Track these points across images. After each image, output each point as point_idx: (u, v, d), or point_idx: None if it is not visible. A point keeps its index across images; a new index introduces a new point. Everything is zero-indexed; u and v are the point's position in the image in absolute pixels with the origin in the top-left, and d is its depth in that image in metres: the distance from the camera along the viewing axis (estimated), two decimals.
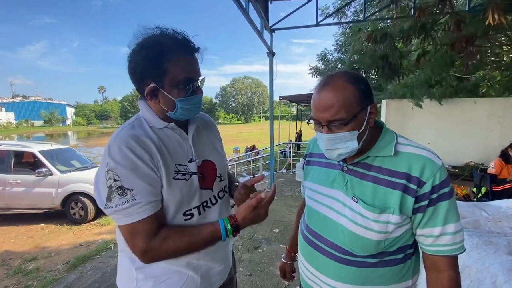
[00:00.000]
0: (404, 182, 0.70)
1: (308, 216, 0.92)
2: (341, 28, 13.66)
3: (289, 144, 10.65)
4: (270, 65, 5.22)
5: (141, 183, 0.73)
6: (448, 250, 0.71)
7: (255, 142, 14.34)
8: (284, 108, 17.65)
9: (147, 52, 0.75)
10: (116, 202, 0.71)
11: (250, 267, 2.74)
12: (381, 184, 0.73)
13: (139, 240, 0.74)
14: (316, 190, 0.88)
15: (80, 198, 5.07)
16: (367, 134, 0.74)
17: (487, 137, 4.71)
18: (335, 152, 0.74)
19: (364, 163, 0.77)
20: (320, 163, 0.91)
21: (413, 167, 0.71)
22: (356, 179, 0.77)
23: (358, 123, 0.71)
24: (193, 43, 0.81)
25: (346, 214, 0.77)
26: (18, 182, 5.07)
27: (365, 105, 0.72)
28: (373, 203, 0.73)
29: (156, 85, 0.77)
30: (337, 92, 0.70)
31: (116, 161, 0.72)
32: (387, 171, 0.73)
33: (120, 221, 0.74)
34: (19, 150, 5.37)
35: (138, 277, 0.82)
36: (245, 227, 0.83)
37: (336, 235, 0.79)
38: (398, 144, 0.76)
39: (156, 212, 0.75)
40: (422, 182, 0.69)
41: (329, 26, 5.76)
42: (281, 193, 5.52)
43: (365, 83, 0.73)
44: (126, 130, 0.79)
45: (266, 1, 4.77)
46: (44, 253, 3.85)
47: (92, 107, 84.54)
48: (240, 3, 3.41)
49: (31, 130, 55.13)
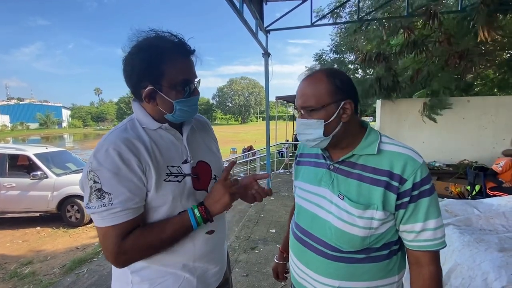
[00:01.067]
0: (387, 179, 0.73)
1: (297, 214, 0.95)
2: (336, 28, 13.73)
3: (286, 144, 10.67)
4: (266, 66, 5.24)
5: (121, 189, 0.72)
6: (429, 246, 0.74)
7: (252, 143, 14.35)
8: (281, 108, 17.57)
9: (144, 55, 0.75)
10: (93, 204, 0.71)
11: (246, 267, 2.75)
12: (365, 182, 0.76)
13: (111, 244, 0.73)
14: (305, 189, 0.91)
15: (76, 201, 5.04)
16: (340, 129, 0.77)
17: (480, 135, 4.77)
18: (303, 137, 0.81)
19: (349, 162, 0.80)
20: (309, 162, 0.94)
21: (395, 165, 0.74)
22: (342, 177, 0.80)
23: (326, 114, 0.76)
24: (189, 46, 0.81)
25: (333, 211, 0.79)
26: (13, 186, 5.03)
27: (337, 99, 0.75)
28: (357, 200, 0.75)
29: (154, 87, 0.77)
30: (311, 83, 0.78)
31: (99, 162, 0.72)
32: (371, 169, 0.76)
33: (95, 223, 0.74)
34: (14, 153, 5.33)
35: (133, 280, 0.82)
36: (217, 210, 0.83)
37: (323, 231, 0.82)
38: (381, 143, 0.79)
39: (133, 218, 0.75)
40: (404, 179, 0.72)
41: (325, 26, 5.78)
42: (278, 193, 5.53)
43: (342, 79, 0.77)
44: (118, 132, 0.78)
45: (261, 2, 4.79)
46: (40, 256, 3.83)
47: (88, 109, 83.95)
48: (234, 5, 3.42)
49: (26, 132, 54.58)
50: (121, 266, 0.77)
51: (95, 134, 48.28)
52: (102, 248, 0.76)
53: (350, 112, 0.77)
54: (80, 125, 74.46)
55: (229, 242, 3.29)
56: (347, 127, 0.79)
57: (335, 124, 0.77)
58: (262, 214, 4.28)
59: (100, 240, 0.76)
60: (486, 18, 3.21)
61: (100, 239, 0.76)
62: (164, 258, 0.82)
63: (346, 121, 0.77)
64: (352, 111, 0.77)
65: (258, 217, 4.15)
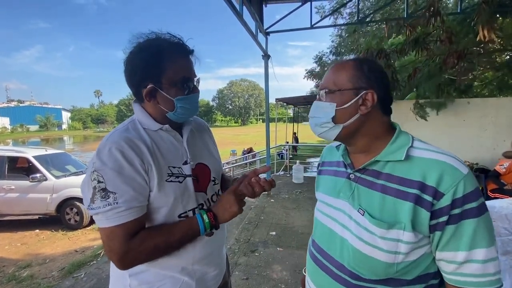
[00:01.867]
0: (417, 192, 0.59)
1: (314, 229, 0.84)
2: (336, 29, 13.78)
3: (286, 146, 10.67)
4: (266, 68, 5.24)
5: (125, 188, 0.72)
6: (475, 283, 0.57)
7: (252, 145, 14.35)
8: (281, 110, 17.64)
9: (144, 54, 0.77)
10: (98, 204, 0.71)
11: (246, 270, 2.73)
12: (390, 194, 0.63)
13: (116, 244, 0.72)
14: (323, 201, 0.81)
15: (75, 204, 5.02)
16: (356, 122, 0.68)
17: (480, 137, 4.76)
18: (313, 121, 0.74)
19: (373, 170, 0.68)
20: (329, 171, 0.84)
21: (428, 174, 0.60)
22: (363, 188, 0.68)
23: (341, 99, 0.68)
24: (187, 45, 0.83)
25: (352, 229, 0.68)
26: (12, 188, 5.01)
27: (357, 87, 0.67)
28: (380, 217, 0.63)
29: (154, 85, 0.78)
30: (337, 67, 0.71)
31: (103, 162, 0.72)
32: (397, 179, 0.63)
33: (99, 223, 0.73)
34: (13, 156, 5.31)
35: (131, 283, 0.81)
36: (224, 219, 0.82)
37: (341, 252, 0.70)
38: (412, 148, 0.65)
39: (137, 218, 0.74)
40: (440, 193, 0.58)
41: (325, 28, 5.80)
42: (278, 195, 5.51)
43: (371, 67, 0.68)
44: (119, 132, 0.78)
45: (260, 4, 4.80)
46: (38, 259, 3.80)
47: (88, 111, 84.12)
48: (234, 7, 3.43)
49: (26, 135, 54.62)
50: (126, 268, 0.76)
51: (95, 136, 48.31)
52: (106, 250, 0.74)
53: (370, 105, 0.66)
54: (80, 127, 74.54)
55: (228, 244, 3.27)
56: (367, 124, 0.68)
57: (350, 113, 0.67)
58: (262, 217, 4.26)
59: (104, 241, 0.74)
60: (487, 18, 3.21)
61: (104, 240, 0.74)
62: (164, 261, 0.81)
63: (365, 115, 0.67)
64: (374, 104, 0.66)
65: (258, 220, 4.13)
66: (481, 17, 3.23)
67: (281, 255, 3.04)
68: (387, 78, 0.70)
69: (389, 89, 0.70)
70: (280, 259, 2.94)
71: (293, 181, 6.64)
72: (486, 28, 3.16)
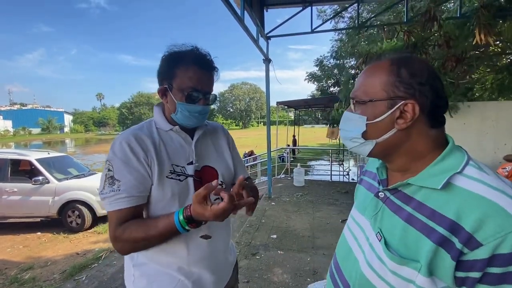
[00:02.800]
0: (444, 232, 0.48)
1: (338, 244, 0.77)
2: (337, 34, 13.87)
3: (287, 149, 10.68)
4: (267, 72, 5.28)
5: (128, 176, 0.79)
6: None
7: (253, 148, 14.35)
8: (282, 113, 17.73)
9: (167, 58, 0.87)
10: (106, 190, 0.79)
11: (247, 274, 2.73)
12: (415, 226, 0.52)
13: (111, 228, 0.80)
14: (352, 215, 0.74)
15: (77, 206, 5.04)
16: (393, 139, 0.57)
17: (481, 140, 4.75)
18: (343, 133, 0.65)
19: (404, 194, 0.57)
20: (366, 183, 0.75)
21: (465, 213, 0.47)
22: (389, 211, 0.59)
23: (373, 111, 0.57)
24: (210, 61, 0.88)
25: (365, 251, 0.60)
26: (15, 191, 5.04)
27: (394, 95, 0.55)
28: (397, 249, 0.54)
29: (167, 86, 0.86)
30: (370, 70, 0.60)
31: (114, 153, 0.81)
32: (429, 210, 0.52)
33: (105, 208, 0.81)
34: (16, 158, 5.34)
35: (135, 273, 0.88)
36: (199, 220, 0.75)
37: (351, 273, 0.63)
38: (459, 175, 0.51)
39: (134, 206, 0.80)
40: (475, 241, 0.45)
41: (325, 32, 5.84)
42: (279, 198, 5.51)
43: (412, 71, 0.54)
44: (132, 129, 0.88)
45: (261, 9, 4.85)
46: (40, 262, 3.81)
47: (90, 114, 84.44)
48: (235, 12, 3.47)
49: (28, 138, 54.85)
50: (121, 253, 0.83)
51: (96, 139, 48.46)
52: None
53: (410, 118, 0.54)
54: (82, 130, 74.78)
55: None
56: (408, 140, 0.56)
57: (384, 128, 0.56)
58: (263, 220, 4.26)
59: (108, 224, 0.83)
60: (485, 22, 3.24)
61: (108, 223, 0.82)
62: (160, 257, 0.86)
63: (404, 130, 0.55)
64: (415, 118, 0.54)
65: (259, 223, 4.13)
66: (479, 21, 3.27)
67: (282, 258, 3.04)
68: (438, 81, 0.56)
69: (441, 95, 0.55)
70: (281, 262, 2.94)
71: (294, 184, 6.64)
72: (483, 31, 3.19)
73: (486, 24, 3.26)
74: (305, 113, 18.25)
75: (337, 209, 4.76)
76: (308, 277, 2.67)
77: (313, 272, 2.74)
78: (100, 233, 4.91)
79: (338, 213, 4.56)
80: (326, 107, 13.12)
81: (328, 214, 4.51)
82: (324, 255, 3.10)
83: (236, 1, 3.78)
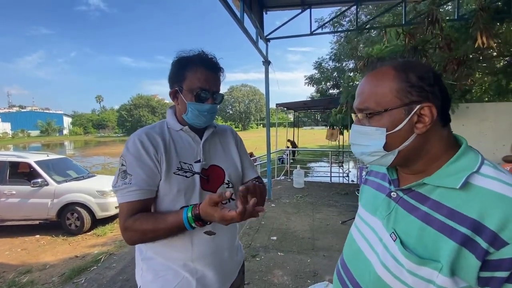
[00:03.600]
0: (468, 232, 0.47)
1: (345, 244, 0.77)
2: (336, 37, 13.94)
3: (287, 151, 10.69)
4: (266, 74, 5.30)
5: (139, 171, 0.85)
6: None
7: (253, 149, 14.34)
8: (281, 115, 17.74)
9: (176, 63, 0.93)
10: (118, 183, 0.85)
11: (247, 275, 2.72)
12: (433, 226, 0.52)
13: (121, 219, 0.85)
14: (360, 215, 0.73)
15: (76, 209, 5.01)
16: (413, 144, 0.56)
17: (480, 141, 4.78)
18: (357, 149, 0.62)
19: (419, 193, 0.57)
20: (373, 183, 0.74)
21: (488, 213, 0.47)
22: (403, 211, 0.58)
23: (391, 121, 0.56)
24: (216, 62, 0.95)
25: (379, 252, 0.60)
26: (13, 193, 5.02)
27: (409, 101, 0.54)
28: (414, 248, 0.53)
29: (178, 89, 0.93)
30: (373, 78, 0.58)
31: (128, 149, 0.88)
32: (447, 209, 0.51)
33: (118, 199, 0.86)
34: (15, 161, 5.33)
35: (143, 267, 0.93)
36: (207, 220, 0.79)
37: (363, 274, 0.63)
38: (477, 174, 0.52)
39: (143, 199, 0.85)
40: (502, 240, 0.45)
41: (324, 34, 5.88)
42: (278, 200, 5.51)
43: (420, 74, 0.55)
44: (146, 128, 0.94)
45: (261, 11, 4.88)
46: (38, 265, 3.78)
47: (89, 117, 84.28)
48: (235, 14, 3.48)
49: (27, 140, 54.69)
50: (129, 243, 0.87)
51: (95, 141, 48.37)
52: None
53: (429, 121, 0.54)
54: (81, 133, 74.63)
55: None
56: (425, 143, 0.56)
57: (405, 135, 0.56)
58: (263, 221, 4.25)
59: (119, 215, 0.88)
60: (484, 25, 3.27)
61: (119, 214, 0.87)
62: (165, 252, 0.90)
63: (423, 133, 0.55)
64: (434, 120, 0.54)
65: (259, 224, 4.12)
66: (479, 23, 3.29)
67: (282, 260, 3.03)
68: (441, 79, 0.57)
69: (447, 93, 0.56)
70: (281, 264, 2.94)
71: (294, 186, 6.64)
72: (485, 34, 3.21)
73: (487, 27, 3.28)
74: (304, 115, 18.27)
75: (337, 211, 4.75)
76: (308, 278, 2.66)
77: (313, 274, 2.73)
78: (100, 236, 4.88)
79: (338, 214, 4.56)
80: (326, 109, 13.15)
81: (328, 216, 4.51)
82: (324, 256, 3.09)
83: (235, 4, 3.80)
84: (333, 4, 5.84)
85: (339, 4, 5.84)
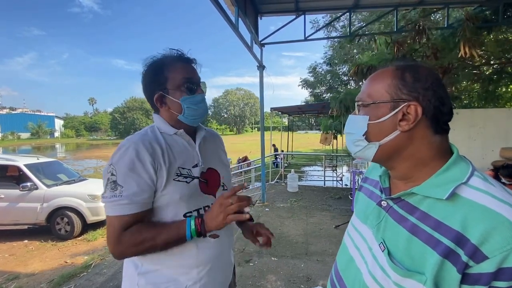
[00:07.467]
0: (450, 243, 0.47)
1: (339, 251, 0.76)
2: (330, 41, 14.14)
3: (281, 155, 10.72)
4: (261, 78, 5.33)
5: (132, 183, 0.79)
6: None
7: (248, 153, 14.34)
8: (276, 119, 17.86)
9: (150, 69, 0.90)
10: (107, 194, 0.80)
11: (241, 281, 2.70)
12: (420, 238, 0.51)
13: (113, 232, 0.80)
14: (352, 222, 0.73)
15: (67, 213, 4.92)
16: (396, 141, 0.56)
17: (470, 146, 4.87)
18: (348, 138, 0.65)
19: (408, 203, 0.57)
20: (367, 190, 0.74)
21: (471, 225, 0.46)
22: (393, 221, 0.58)
23: (376, 112, 0.57)
24: (187, 56, 0.93)
25: (368, 262, 0.60)
26: (2, 197, 4.90)
27: (397, 98, 0.55)
28: (401, 260, 0.53)
29: (162, 92, 0.88)
30: (375, 77, 0.61)
31: (120, 158, 0.81)
32: (433, 221, 0.51)
33: (106, 211, 0.81)
34: (3, 164, 5.22)
35: (139, 282, 0.86)
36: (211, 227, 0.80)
37: (353, 283, 0.63)
38: (465, 185, 0.51)
39: (136, 213, 0.80)
40: (481, 254, 0.44)
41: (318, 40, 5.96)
42: (272, 204, 5.50)
43: (416, 75, 0.55)
44: (140, 135, 0.88)
45: (256, 17, 4.92)
46: (27, 271, 3.69)
47: (82, 119, 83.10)
48: (229, 19, 3.51)
49: (17, 142, 53.56)
50: (118, 257, 0.83)
51: (88, 144, 47.67)
52: (106, 236, 0.82)
53: (413, 120, 0.54)
54: (73, 135, 73.45)
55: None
56: (410, 144, 0.56)
57: (387, 130, 0.57)
58: None
59: (106, 228, 0.82)
60: (470, 34, 3.39)
61: (107, 227, 0.82)
62: (167, 261, 0.85)
63: (407, 133, 0.55)
64: (417, 119, 0.54)
65: None
66: (464, 34, 3.42)
67: (275, 265, 3.02)
68: (443, 88, 0.56)
69: (446, 101, 0.56)
70: (275, 269, 2.93)
71: (288, 190, 6.65)
72: (467, 45, 3.34)
73: (470, 38, 3.41)
74: (298, 119, 18.39)
75: (330, 215, 4.77)
76: (301, 283, 2.66)
77: (307, 279, 2.73)
78: (90, 241, 4.79)
79: (331, 218, 4.58)
80: (320, 113, 13.27)
81: (321, 220, 4.52)
82: (318, 261, 3.09)
83: (231, 9, 3.83)
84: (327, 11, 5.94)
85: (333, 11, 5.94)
